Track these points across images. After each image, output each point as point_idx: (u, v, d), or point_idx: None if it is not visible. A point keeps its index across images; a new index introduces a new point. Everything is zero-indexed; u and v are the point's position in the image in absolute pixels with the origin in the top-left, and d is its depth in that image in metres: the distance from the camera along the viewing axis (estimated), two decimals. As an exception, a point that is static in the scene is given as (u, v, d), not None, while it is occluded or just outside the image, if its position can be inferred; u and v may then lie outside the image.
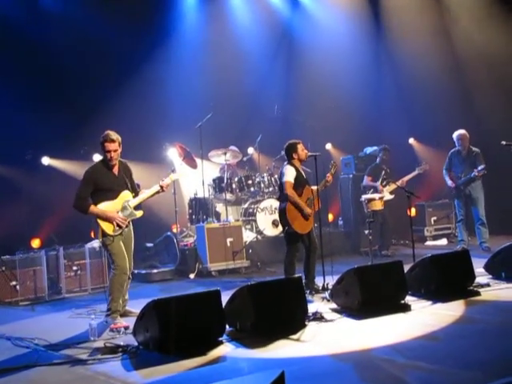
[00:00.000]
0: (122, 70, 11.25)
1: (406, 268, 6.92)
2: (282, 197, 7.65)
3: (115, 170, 6.66)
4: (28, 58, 10.54)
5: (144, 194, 6.83)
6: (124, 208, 6.61)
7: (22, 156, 10.75)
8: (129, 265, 6.71)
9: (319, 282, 7.50)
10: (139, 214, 6.77)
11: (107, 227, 6.49)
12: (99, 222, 6.49)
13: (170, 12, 12.33)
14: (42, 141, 10.74)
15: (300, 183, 7.59)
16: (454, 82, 12.76)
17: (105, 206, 6.51)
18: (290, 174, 7.55)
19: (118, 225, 6.52)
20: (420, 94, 12.95)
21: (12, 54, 10.38)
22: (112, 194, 6.58)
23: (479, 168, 10.08)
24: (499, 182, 11.20)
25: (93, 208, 6.45)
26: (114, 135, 6.56)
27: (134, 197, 6.77)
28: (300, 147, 7.67)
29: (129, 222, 6.72)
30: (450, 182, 10.45)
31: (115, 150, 6.54)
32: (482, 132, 11.64)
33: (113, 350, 5.48)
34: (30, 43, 10.41)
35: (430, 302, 6.66)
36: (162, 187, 6.80)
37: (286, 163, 7.74)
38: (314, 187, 7.67)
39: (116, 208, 6.57)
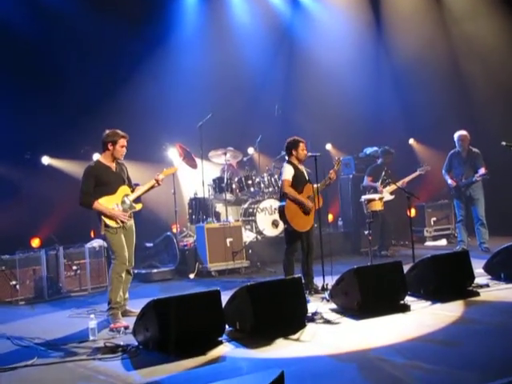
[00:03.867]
0: (122, 69, 11.27)
1: (406, 268, 6.92)
2: (282, 195, 7.67)
3: (113, 167, 6.81)
4: (26, 58, 10.54)
5: (141, 189, 6.99)
6: (123, 202, 6.76)
7: (21, 156, 10.76)
8: (129, 258, 6.82)
9: (319, 282, 7.51)
10: (139, 206, 6.95)
11: (109, 221, 6.62)
12: (102, 216, 6.59)
13: (169, 11, 12.34)
14: (41, 140, 10.76)
15: (300, 181, 7.60)
16: (453, 82, 12.77)
17: (105, 200, 6.63)
18: (287, 172, 7.57)
19: (121, 221, 6.66)
20: (420, 94, 12.96)
21: (9, 54, 10.35)
22: (111, 189, 6.71)
23: (481, 173, 10.06)
24: (499, 183, 11.20)
25: (96, 204, 6.56)
26: None
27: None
28: (301, 146, 7.67)
29: (130, 216, 6.83)
30: (450, 181, 10.40)
31: (126, 147, 6.82)
32: (482, 132, 11.63)
33: (112, 349, 5.49)
34: (27, 43, 10.40)
35: (429, 303, 6.67)
36: (157, 181, 6.94)
37: (285, 162, 7.77)
38: (316, 185, 7.66)
39: (116, 201, 6.70)
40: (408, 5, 13.24)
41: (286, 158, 7.81)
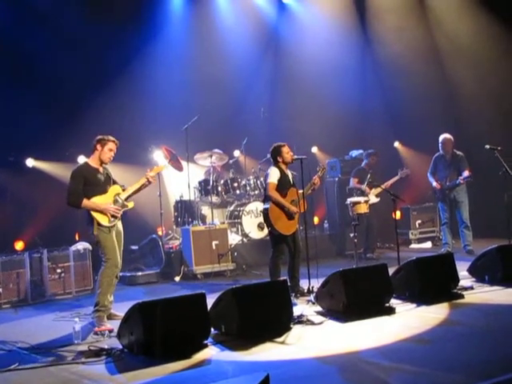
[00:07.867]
0: (107, 71, 11.20)
1: (391, 271, 6.95)
2: (266, 198, 7.67)
3: (101, 170, 6.78)
4: (10, 58, 10.44)
5: (132, 187, 6.94)
6: (115, 201, 6.73)
7: (5, 158, 10.66)
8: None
9: (304, 284, 7.52)
10: (131, 204, 6.89)
11: (102, 219, 6.56)
12: (94, 214, 6.53)
13: (156, 13, 12.29)
14: (26, 142, 10.65)
15: (284, 185, 7.61)
16: (439, 85, 12.84)
17: (97, 200, 6.59)
18: (273, 175, 7.58)
19: (112, 215, 6.60)
20: (405, 97, 13.00)
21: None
22: (102, 189, 6.68)
23: (464, 176, 10.08)
24: (483, 186, 11.28)
25: (86, 202, 6.51)
26: None
27: None
28: (285, 150, 7.68)
29: (120, 218, 6.78)
30: (435, 184, 10.43)
31: (114, 153, 6.79)
32: (466, 135, 11.71)
33: (97, 353, 5.45)
34: (10, 42, 10.30)
35: (414, 305, 6.69)
36: (147, 179, 6.89)
37: (271, 166, 7.77)
38: (301, 191, 7.68)
39: (108, 201, 6.66)
40: (392, 6, 13.29)
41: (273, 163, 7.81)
